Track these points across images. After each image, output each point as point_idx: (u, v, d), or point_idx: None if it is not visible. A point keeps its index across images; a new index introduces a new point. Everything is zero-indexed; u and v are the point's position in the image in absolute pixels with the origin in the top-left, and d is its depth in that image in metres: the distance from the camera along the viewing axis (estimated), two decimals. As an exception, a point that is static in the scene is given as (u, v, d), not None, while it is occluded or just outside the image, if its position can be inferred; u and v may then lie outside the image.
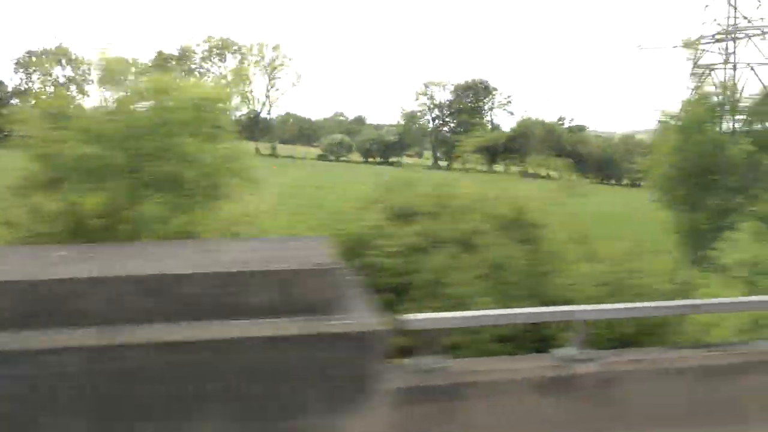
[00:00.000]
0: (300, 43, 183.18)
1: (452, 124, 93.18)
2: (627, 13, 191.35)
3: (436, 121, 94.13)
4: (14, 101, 67.43)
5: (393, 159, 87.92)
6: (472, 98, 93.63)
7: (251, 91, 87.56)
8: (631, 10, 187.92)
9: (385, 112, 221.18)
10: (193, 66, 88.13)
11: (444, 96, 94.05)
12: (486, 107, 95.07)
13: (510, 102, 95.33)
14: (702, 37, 57.89)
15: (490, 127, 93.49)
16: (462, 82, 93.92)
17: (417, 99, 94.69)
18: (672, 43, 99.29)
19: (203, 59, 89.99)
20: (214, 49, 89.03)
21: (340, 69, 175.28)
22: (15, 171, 9.88)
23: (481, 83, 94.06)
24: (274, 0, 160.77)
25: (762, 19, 55.50)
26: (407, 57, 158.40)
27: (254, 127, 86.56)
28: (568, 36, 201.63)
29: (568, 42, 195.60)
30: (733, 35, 55.76)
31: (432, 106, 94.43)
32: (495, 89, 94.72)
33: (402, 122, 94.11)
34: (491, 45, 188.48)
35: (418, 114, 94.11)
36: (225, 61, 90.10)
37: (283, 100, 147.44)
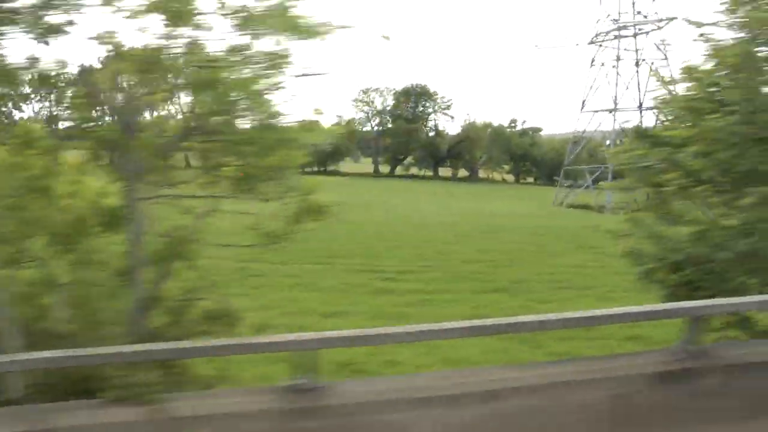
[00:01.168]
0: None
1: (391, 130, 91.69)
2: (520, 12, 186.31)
3: (377, 128, 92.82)
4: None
5: (331, 167, 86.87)
6: (413, 103, 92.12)
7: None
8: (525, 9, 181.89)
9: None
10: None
11: (385, 101, 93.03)
12: (427, 112, 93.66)
13: (450, 106, 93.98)
14: (598, 34, 57.67)
15: (432, 132, 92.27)
16: (400, 88, 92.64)
17: (356, 105, 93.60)
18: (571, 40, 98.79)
19: None
20: None
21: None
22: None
23: (419, 87, 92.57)
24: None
25: (656, 12, 55.33)
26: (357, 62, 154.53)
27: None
28: (480, 38, 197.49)
29: (483, 44, 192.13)
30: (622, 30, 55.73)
31: (373, 112, 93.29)
32: (435, 93, 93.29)
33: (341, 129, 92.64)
34: (425, 50, 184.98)
35: (357, 121, 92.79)
36: None
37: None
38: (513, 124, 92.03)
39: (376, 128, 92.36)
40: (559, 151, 75.74)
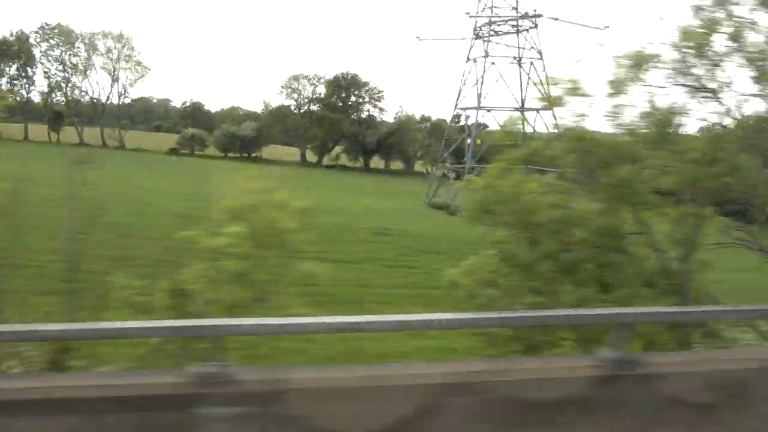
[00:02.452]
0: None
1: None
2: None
3: (306, 115, 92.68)
4: None
5: (255, 154, 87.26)
6: (344, 93, 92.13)
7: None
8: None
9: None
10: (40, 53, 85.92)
11: (316, 90, 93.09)
12: (358, 102, 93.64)
13: (381, 97, 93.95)
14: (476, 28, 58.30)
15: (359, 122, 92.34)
16: (331, 76, 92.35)
17: (282, 92, 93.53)
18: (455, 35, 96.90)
19: (49, 48, 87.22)
20: (57, 38, 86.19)
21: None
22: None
23: (349, 77, 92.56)
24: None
25: (534, 9, 56.06)
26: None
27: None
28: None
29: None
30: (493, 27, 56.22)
31: (303, 100, 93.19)
32: (366, 84, 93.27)
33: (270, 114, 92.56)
34: (359, 40, 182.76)
35: (284, 107, 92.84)
36: (75, 49, 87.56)
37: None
38: (456, 120, 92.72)
39: (303, 116, 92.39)
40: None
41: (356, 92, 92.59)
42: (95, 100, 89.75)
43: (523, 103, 56.04)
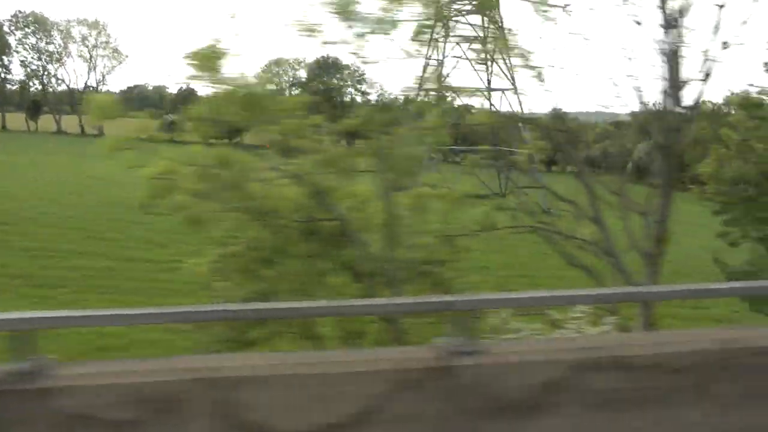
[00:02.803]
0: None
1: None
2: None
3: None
4: None
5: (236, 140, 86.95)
6: (325, 76, 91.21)
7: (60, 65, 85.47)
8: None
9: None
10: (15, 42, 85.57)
11: (297, 74, 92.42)
12: (340, 85, 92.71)
13: (363, 80, 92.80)
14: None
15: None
16: (312, 59, 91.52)
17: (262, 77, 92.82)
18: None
19: (24, 36, 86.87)
20: (32, 26, 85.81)
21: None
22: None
23: (330, 60, 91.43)
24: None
25: None
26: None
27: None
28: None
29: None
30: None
31: (284, 84, 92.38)
32: (348, 66, 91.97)
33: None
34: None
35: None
36: (50, 37, 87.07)
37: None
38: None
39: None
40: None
41: (338, 75, 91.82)
42: (89, 88, 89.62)
43: (489, 83, 54.76)
